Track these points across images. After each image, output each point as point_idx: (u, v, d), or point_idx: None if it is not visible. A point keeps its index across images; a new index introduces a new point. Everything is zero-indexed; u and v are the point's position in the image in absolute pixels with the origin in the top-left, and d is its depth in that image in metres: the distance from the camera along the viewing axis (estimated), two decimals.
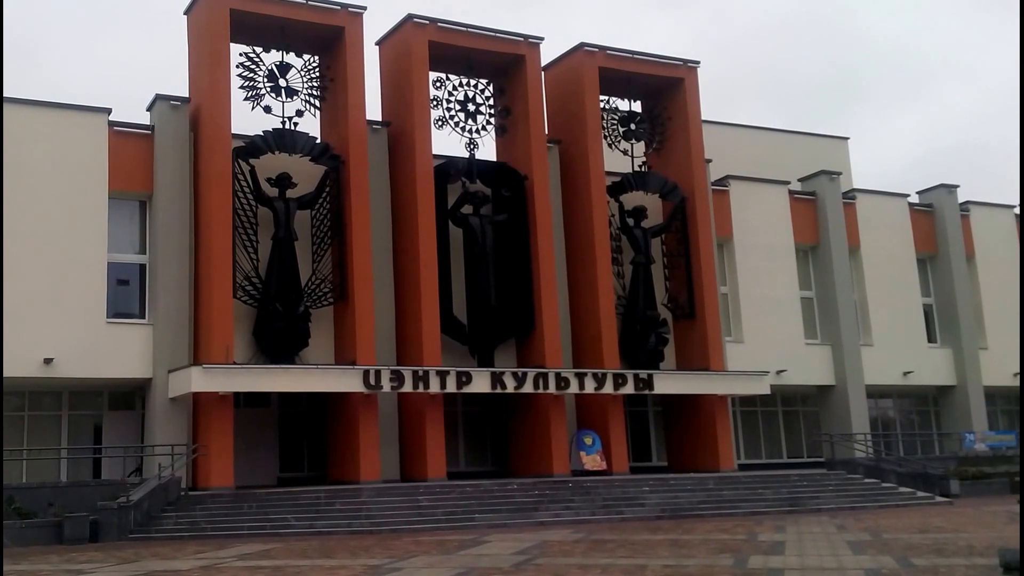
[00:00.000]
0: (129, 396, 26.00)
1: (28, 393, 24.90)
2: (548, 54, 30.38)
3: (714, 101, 63.29)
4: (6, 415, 24.43)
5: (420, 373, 25.20)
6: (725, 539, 16.84)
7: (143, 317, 25.11)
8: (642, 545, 16.21)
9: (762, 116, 74.13)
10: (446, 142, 30.85)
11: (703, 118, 31.59)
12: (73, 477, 24.00)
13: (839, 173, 35.63)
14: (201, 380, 23.00)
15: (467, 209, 28.42)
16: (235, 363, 23.90)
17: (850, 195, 35.84)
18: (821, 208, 34.65)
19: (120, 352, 24.21)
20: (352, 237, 25.76)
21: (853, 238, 34.94)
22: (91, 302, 24.12)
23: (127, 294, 25.45)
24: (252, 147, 25.69)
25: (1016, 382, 35.89)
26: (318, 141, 26.71)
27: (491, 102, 29.46)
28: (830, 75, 75.04)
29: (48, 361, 23.34)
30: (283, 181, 25.83)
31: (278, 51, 26.56)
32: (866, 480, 28.40)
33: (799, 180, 35.38)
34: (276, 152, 25.94)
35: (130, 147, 25.27)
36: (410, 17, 27.70)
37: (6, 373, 22.85)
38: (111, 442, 25.19)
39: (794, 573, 12.12)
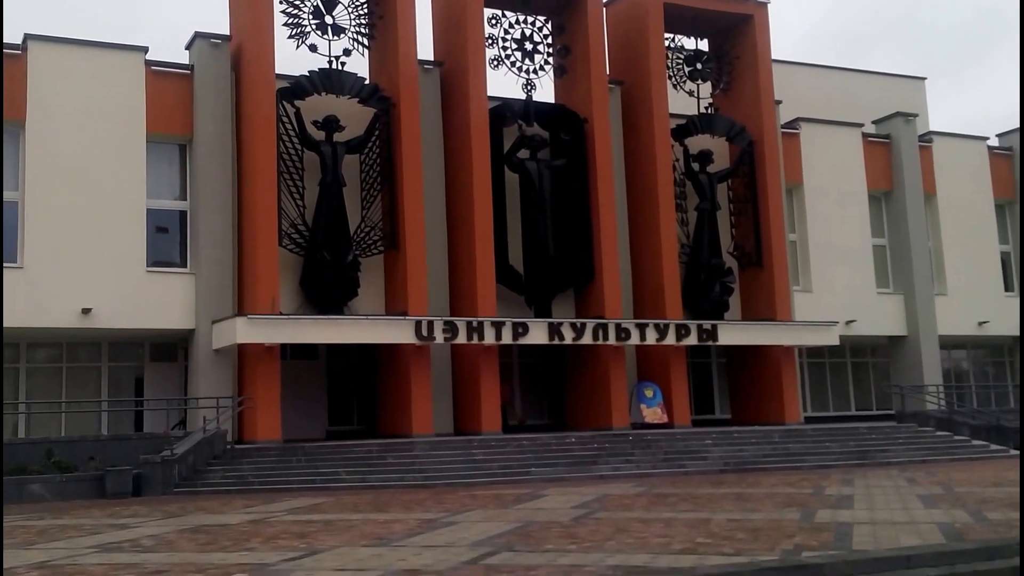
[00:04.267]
0: (171, 347, 25.42)
1: (66, 344, 24.43)
2: None
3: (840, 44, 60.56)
4: (44, 366, 24.08)
5: (474, 324, 24.35)
6: (791, 493, 16.48)
7: (184, 266, 24.42)
8: (705, 499, 15.77)
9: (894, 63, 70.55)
10: (502, 83, 29.63)
11: (774, 57, 30.28)
12: (114, 430, 23.63)
13: (915, 115, 33.79)
14: (246, 331, 22.30)
15: (524, 154, 27.28)
16: (281, 314, 23.11)
17: (926, 138, 34.07)
18: (896, 152, 33.08)
19: (161, 302, 23.58)
20: (403, 183, 24.72)
21: (929, 183, 33.46)
22: (130, 251, 23.45)
23: (167, 242, 24.73)
24: (297, 88, 24.55)
25: None
26: (367, 82, 25.56)
27: (549, 41, 28.18)
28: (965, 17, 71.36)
29: (87, 311, 22.74)
30: (330, 124, 24.75)
31: None
32: (938, 433, 27.76)
33: (873, 122, 33.72)
34: (323, 93, 24.81)
35: (168, 88, 24.34)
36: None
37: (43, 323, 22.53)
38: (152, 395, 24.75)
39: (863, 527, 11.47)
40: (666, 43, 29.19)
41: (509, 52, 27.49)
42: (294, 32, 24.86)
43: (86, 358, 24.66)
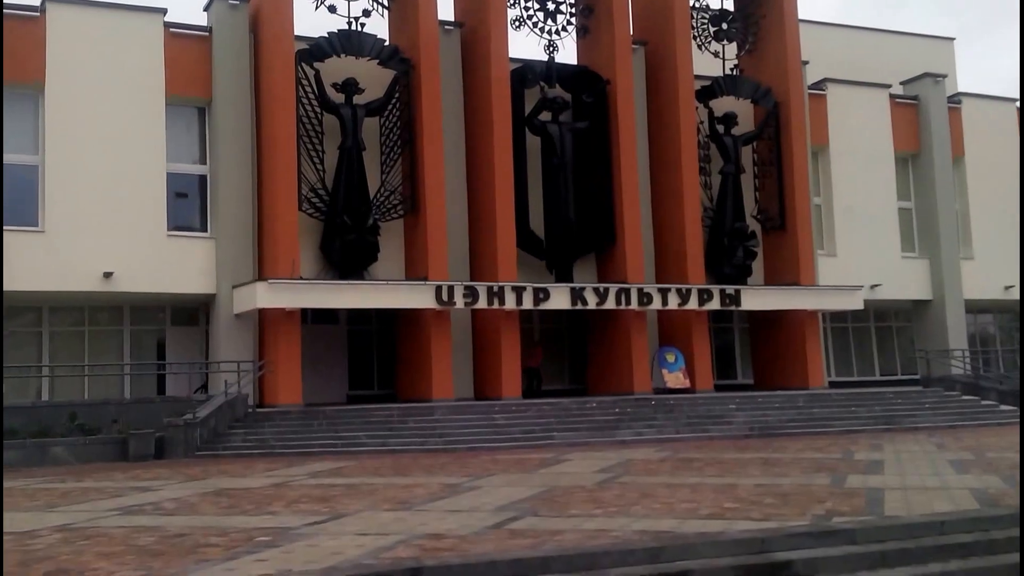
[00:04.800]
0: (192, 312, 25.38)
1: (88, 308, 24.40)
2: None
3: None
4: (66, 330, 24.13)
5: (495, 289, 24.18)
6: (819, 458, 16.29)
7: (205, 230, 24.34)
8: (731, 463, 15.62)
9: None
10: (523, 44, 29.13)
11: (800, 17, 29.64)
12: (137, 394, 23.61)
13: (944, 75, 33.13)
14: (267, 296, 22.23)
15: (545, 116, 26.91)
16: (302, 278, 22.97)
17: (955, 99, 33.43)
18: (924, 113, 32.53)
19: (182, 266, 23.52)
20: (423, 146, 24.45)
21: (957, 146, 32.91)
22: (150, 214, 23.36)
23: (187, 206, 24.63)
24: (316, 50, 24.26)
25: None
26: (386, 43, 25.23)
27: (572, 0, 27.59)
28: None
29: (108, 275, 22.71)
30: (350, 86, 24.47)
31: None
32: (964, 398, 27.50)
33: (901, 83, 33.11)
34: (342, 55, 24.50)
35: (187, 50, 24.12)
36: None
37: (65, 287, 22.55)
38: (174, 358, 24.75)
39: (895, 493, 11.29)
40: (691, 2, 28.63)
41: (531, 12, 27.07)
42: None
43: (108, 322, 24.67)
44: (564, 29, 27.42)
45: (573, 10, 27.59)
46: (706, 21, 29.26)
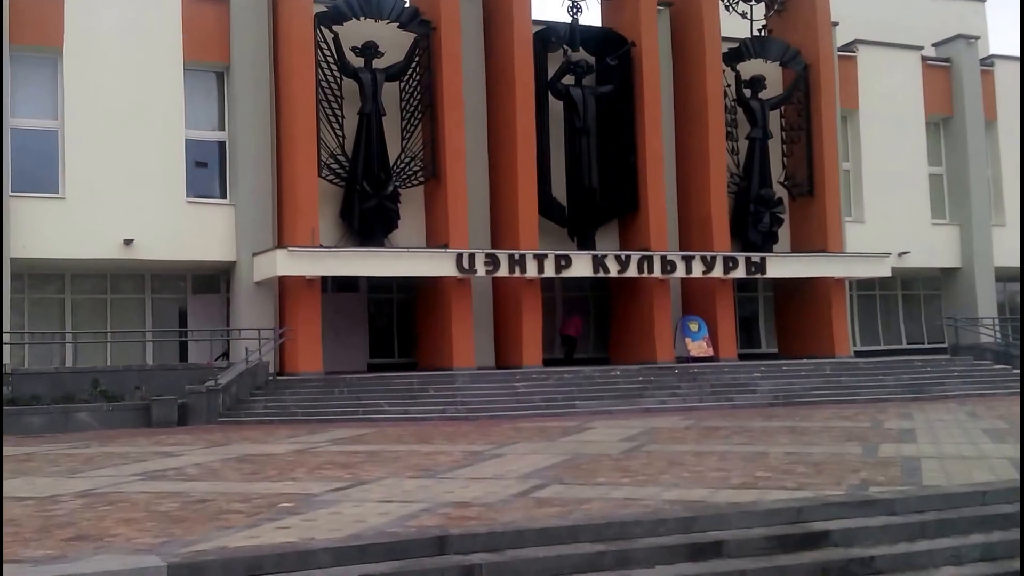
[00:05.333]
0: (213, 279, 25.26)
1: (110, 275, 24.33)
2: None
3: None
4: (89, 297, 24.13)
5: (516, 257, 23.89)
6: (848, 426, 16.09)
7: (224, 197, 24.15)
8: (759, 432, 15.41)
9: None
10: (546, 6, 28.48)
11: None
12: (159, 360, 23.65)
13: (977, 37, 32.37)
14: (286, 263, 22.06)
15: (568, 80, 26.40)
16: (322, 246, 22.76)
17: (988, 62, 32.67)
18: (956, 76, 31.79)
19: (202, 234, 23.35)
20: (444, 111, 24.08)
21: (990, 110, 32.19)
22: (170, 181, 23.17)
23: (206, 173, 24.41)
24: (335, 12, 23.87)
25: None
26: (407, 5, 24.78)
27: None
28: None
29: (128, 242, 22.61)
30: (369, 50, 24.09)
31: None
32: (995, 366, 26.95)
33: (932, 45, 32.38)
34: (361, 18, 24.07)
35: (204, 13, 23.76)
36: None
37: (86, 255, 22.52)
38: (195, 326, 24.68)
39: (931, 462, 11.02)
40: None
41: None
42: None
43: (130, 290, 24.59)
44: None
45: None
46: None
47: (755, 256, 26.47)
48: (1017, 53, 34.17)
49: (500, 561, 6.89)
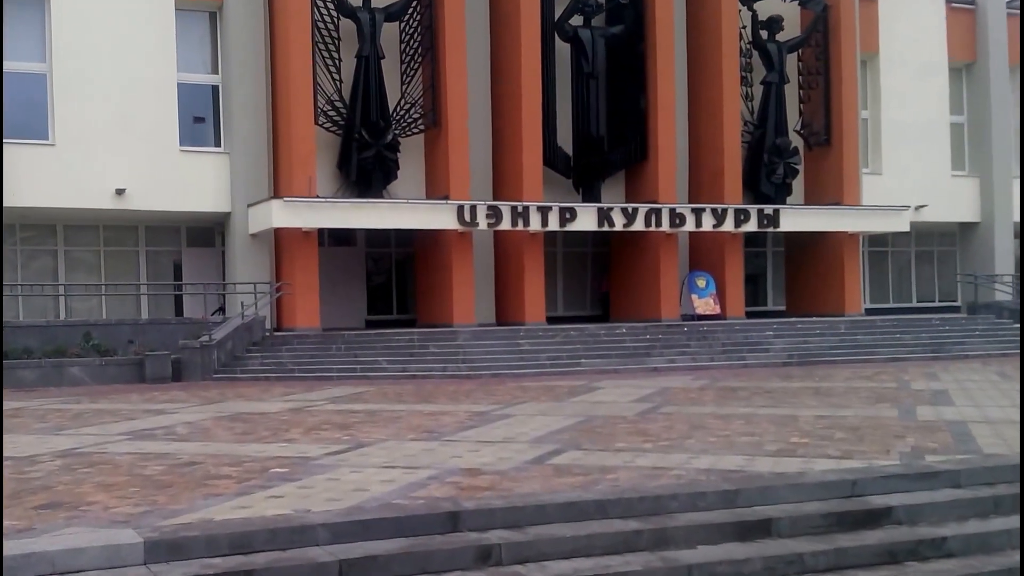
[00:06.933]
0: (208, 232, 24.36)
1: (103, 227, 23.46)
2: None
3: None
4: (82, 249, 23.28)
5: (519, 209, 22.99)
6: (873, 387, 15.40)
7: (218, 145, 23.19)
8: (780, 393, 14.69)
9: None
10: None
11: None
12: (154, 314, 22.95)
13: None
14: (282, 215, 21.22)
15: (576, 20, 25.11)
16: (318, 197, 21.79)
17: (1013, 5, 31.31)
18: (981, 19, 30.46)
19: (196, 183, 22.46)
20: (445, 55, 22.98)
21: (1015, 55, 30.77)
22: (162, 128, 22.21)
23: (200, 119, 23.32)
24: None
25: None
26: None
27: None
28: None
29: (120, 192, 21.74)
30: None
31: None
32: (1016, 325, 25.94)
33: None
34: None
35: None
36: None
37: (78, 204, 21.69)
38: (191, 279, 23.87)
39: (980, 427, 10.19)
40: None
41: None
42: None
43: (124, 242, 23.77)
44: None
45: None
46: None
47: (768, 208, 25.48)
48: None
49: (521, 540, 6.07)
